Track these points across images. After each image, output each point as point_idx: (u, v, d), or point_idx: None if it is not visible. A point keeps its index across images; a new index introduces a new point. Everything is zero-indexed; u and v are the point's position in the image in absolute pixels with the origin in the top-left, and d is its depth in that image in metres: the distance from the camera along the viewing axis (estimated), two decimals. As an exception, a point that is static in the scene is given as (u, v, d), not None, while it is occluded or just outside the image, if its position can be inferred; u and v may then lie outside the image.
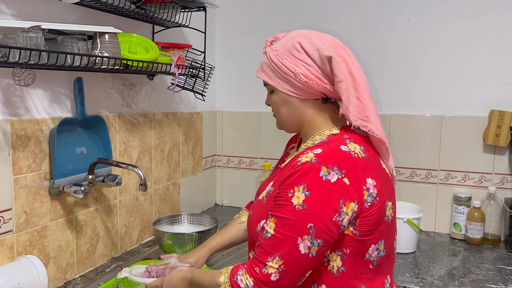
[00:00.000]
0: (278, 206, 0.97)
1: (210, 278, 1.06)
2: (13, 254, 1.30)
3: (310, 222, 0.93)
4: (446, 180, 2.08)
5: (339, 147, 1.00)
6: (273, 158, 2.36)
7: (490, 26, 1.96)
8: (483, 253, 1.85)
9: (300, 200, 0.94)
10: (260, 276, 0.95)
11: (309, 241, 0.93)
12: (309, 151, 0.99)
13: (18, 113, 1.31)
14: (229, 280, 0.99)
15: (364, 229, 0.99)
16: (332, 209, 0.94)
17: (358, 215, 0.98)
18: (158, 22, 1.80)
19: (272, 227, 0.96)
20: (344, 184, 0.95)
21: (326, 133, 1.07)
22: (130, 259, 1.71)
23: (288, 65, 1.05)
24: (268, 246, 0.95)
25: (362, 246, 1.00)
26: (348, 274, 1.01)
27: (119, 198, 1.73)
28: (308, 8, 2.25)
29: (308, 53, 1.04)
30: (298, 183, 0.95)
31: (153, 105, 1.92)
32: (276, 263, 0.94)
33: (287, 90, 1.07)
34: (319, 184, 0.94)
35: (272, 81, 1.09)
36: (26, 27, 1.12)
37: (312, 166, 0.95)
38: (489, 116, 1.96)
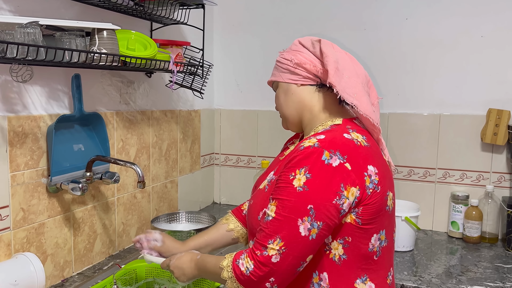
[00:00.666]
0: (279, 189, 0.99)
1: (215, 261, 1.08)
2: (10, 251, 1.30)
3: (310, 204, 0.95)
4: (444, 179, 2.08)
5: (342, 135, 1.02)
6: (271, 156, 2.36)
7: (488, 24, 1.96)
8: (481, 251, 1.85)
9: (301, 182, 0.95)
10: (261, 258, 0.96)
11: (309, 222, 0.95)
12: (312, 137, 1.02)
13: (16, 110, 1.30)
14: (231, 264, 1.01)
15: (366, 217, 1.00)
16: (332, 192, 0.95)
17: (360, 202, 0.99)
18: (156, 19, 1.79)
19: (273, 210, 0.98)
20: (346, 169, 0.96)
21: (329, 123, 1.10)
22: (127, 256, 1.70)
23: (286, 56, 1.16)
24: (269, 229, 0.97)
25: (365, 235, 1.02)
26: (350, 263, 1.02)
27: (116, 195, 1.72)
28: (306, 7, 2.25)
29: (303, 43, 1.15)
30: (299, 166, 0.97)
31: (151, 102, 1.91)
32: (277, 245, 0.95)
33: (286, 78, 1.15)
34: (320, 167, 0.95)
35: (274, 77, 1.19)
36: (23, 23, 1.11)
37: (315, 150, 0.97)
38: (487, 115, 1.97)
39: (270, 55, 2.33)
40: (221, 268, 1.03)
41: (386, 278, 1.08)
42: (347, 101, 1.06)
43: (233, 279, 0.99)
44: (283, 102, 1.18)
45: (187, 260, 1.16)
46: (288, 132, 1.36)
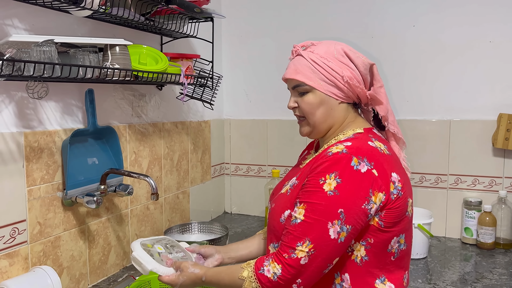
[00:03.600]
0: (308, 192, 1.00)
1: (230, 275, 1.06)
2: (27, 265, 1.32)
3: (340, 208, 0.97)
4: (456, 185, 2.07)
5: (367, 143, 1.06)
6: (281, 165, 2.37)
7: (496, 29, 1.96)
8: (495, 257, 1.84)
9: (332, 186, 0.98)
10: (289, 261, 0.97)
11: (338, 226, 0.97)
12: (339, 144, 1.05)
13: (32, 125, 1.33)
14: (254, 274, 1.00)
15: (389, 221, 1.03)
16: (362, 196, 0.98)
17: (384, 206, 1.02)
18: (166, 33, 1.82)
19: (302, 213, 0.99)
20: (373, 175, 1.00)
21: (351, 132, 1.12)
22: (141, 268, 1.72)
23: (334, 67, 1.09)
24: (298, 231, 0.98)
25: (386, 237, 1.05)
26: (371, 264, 1.05)
27: (130, 207, 1.74)
28: (313, 16, 2.27)
29: (352, 58, 1.11)
30: (329, 171, 0.99)
31: (162, 114, 1.94)
32: (306, 247, 0.96)
33: (328, 91, 1.10)
34: (350, 173, 0.98)
35: (312, 81, 1.10)
36: (39, 41, 1.14)
37: (344, 156, 1.00)
38: (497, 120, 1.96)
39: (278, 64, 2.36)
40: (241, 280, 1.02)
41: (403, 280, 1.11)
42: (390, 129, 1.17)
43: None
44: (319, 114, 1.12)
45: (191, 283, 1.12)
46: (297, 141, 1.37)
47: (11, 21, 1.25)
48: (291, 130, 2.35)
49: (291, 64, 1.15)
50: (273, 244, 1.12)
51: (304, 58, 1.11)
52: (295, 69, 1.13)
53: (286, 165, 2.37)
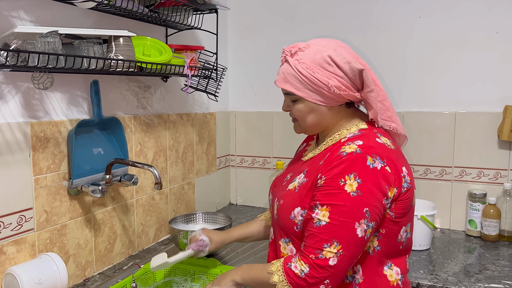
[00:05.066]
0: (330, 195, 1.02)
1: (261, 271, 1.11)
2: (34, 251, 1.35)
3: (365, 207, 1.01)
4: (460, 177, 2.06)
5: (375, 140, 1.09)
6: (286, 157, 2.38)
7: (503, 21, 1.94)
8: (499, 250, 1.83)
9: (354, 187, 1.01)
10: (317, 261, 1.00)
11: (365, 224, 1.01)
12: (350, 142, 1.07)
13: (38, 116, 1.35)
14: (283, 267, 1.05)
15: (399, 211, 1.08)
16: (381, 193, 1.03)
17: (396, 199, 1.07)
18: (171, 25, 1.83)
19: (326, 215, 1.01)
20: (387, 172, 1.04)
21: (354, 128, 1.14)
22: (147, 257, 1.75)
23: (320, 78, 1.08)
24: (324, 233, 1.01)
25: (396, 227, 1.10)
26: (382, 253, 1.10)
27: (135, 197, 1.77)
28: (319, 8, 2.26)
29: (340, 65, 1.09)
30: (348, 172, 1.01)
31: (167, 106, 1.96)
32: (334, 248, 1.00)
33: (317, 100, 1.11)
34: (368, 172, 1.02)
35: (300, 92, 1.11)
36: (44, 33, 1.16)
37: (359, 156, 1.03)
38: (503, 112, 1.95)
39: (284, 57, 2.36)
40: (269, 273, 1.06)
41: (406, 263, 1.17)
42: (385, 126, 1.16)
43: (284, 282, 1.03)
44: (309, 120, 1.15)
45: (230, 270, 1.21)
46: (302, 134, 1.38)
47: (17, 13, 1.27)
48: (296, 122, 2.35)
49: (280, 71, 1.14)
50: (283, 239, 1.16)
51: (291, 67, 1.10)
52: (283, 78, 1.13)
53: (291, 157, 2.37)
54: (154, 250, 1.83)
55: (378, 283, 1.10)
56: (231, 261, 1.75)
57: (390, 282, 1.11)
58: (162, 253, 1.39)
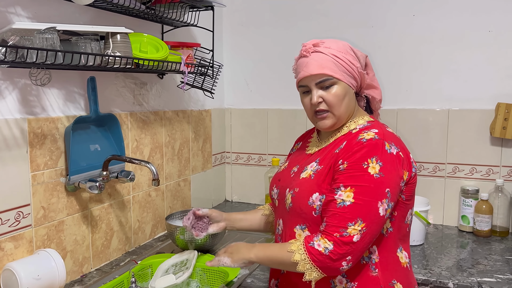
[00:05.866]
0: (353, 177, 1.09)
1: (279, 249, 1.14)
2: (32, 247, 1.35)
3: (387, 187, 1.08)
4: (453, 173, 2.09)
5: (386, 129, 1.18)
6: (282, 154, 2.39)
7: (496, 19, 1.97)
8: (491, 244, 1.86)
9: (377, 169, 1.08)
10: (342, 238, 1.05)
11: (386, 204, 1.08)
12: (366, 130, 1.15)
13: (35, 112, 1.35)
14: (304, 246, 1.08)
15: (408, 194, 1.17)
16: (399, 176, 1.12)
17: (407, 182, 1.15)
18: (167, 22, 1.84)
19: (351, 196, 1.07)
20: (401, 157, 1.13)
21: (361, 121, 1.23)
22: (143, 253, 1.76)
23: (351, 59, 1.20)
24: (348, 213, 1.06)
25: (405, 209, 1.18)
26: (394, 235, 1.17)
27: (132, 194, 1.78)
28: (314, 5, 2.28)
29: (355, 52, 1.22)
30: (370, 156, 1.09)
31: (163, 103, 1.96)
32: (359, 226, 1.05)
33: (349, 82, 1.20)
34: (387, 156, 1.10)
35: (338, 74, 1.18)
36: (42, 29, 1.16)
37: (378, 141, 1.11)
38: (495, 109, 1.97)
39: (279, 53, 2.37)
40: (290, 252, 1.09)
41: (409, 249, 1.25)
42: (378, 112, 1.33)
43: (307, 261, 1.07)
44: (344, 105, 1.20)
45: (244, 244, 1.23)
46: (298, 130, 1.39)
47: (14, 9, 1.27)
48: (291, 119, 2.37)
49: (312, 61, 1.18)
50: (299, 226, 1.18)
51: (325, 54, 1.17)
52: (319, 64, 1.17)
53: (287, 154, 2.39)
54: (151, 246, 1.84)
55: (391, 263, 1.17)
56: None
57: (401, 263, 1.19)
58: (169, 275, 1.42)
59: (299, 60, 1.23)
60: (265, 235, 1.98)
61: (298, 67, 1.22)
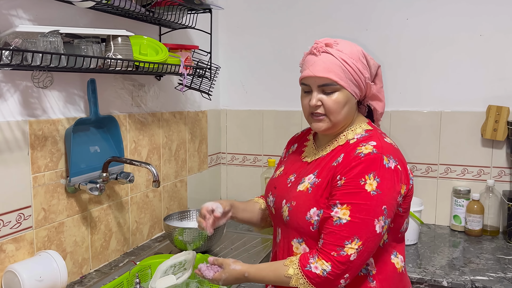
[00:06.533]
0: (350, 194, 1.07)
1: (274, 272, 1.12)
2: (33, 249, 1.36)
3: (384, 204, 1.06)
4: (445, 174, 2.14)
5: (384, 140, 1.14)
6: (277, 155, 2.42)
7: (487, 23, 2.02)
8: (482, 244, 1.91)
9: (374, 186, 1.06)
10: (339, 258, 1.04)
11: (383, 221, 1.07)
12: (364, 143, 1.11)
13: (36, 114, 1.36)
14: (301, 271, 1.07)
15: (405, 206, 1.16)
16: (396, 191, 1.09)
17: (405, 195, 1.13)
18: (165, 24, 1.85)
19: (347, 214, 1.06)
20: (399, 170, 1.10)
21: (359, 130, 1.19)
22: (142, 254, 1.76)
23: (361, 69, 1.14)
24: (345, 231, 1.05)
25: (401, 220, 1.18)
26: (388, 244, 1.17)
27: (130, 195, 1.78)
28: (309, 7, 2.30)
29: (368, 60, 1.18)
30: (367, 172, 1.06)
31: (161, 104, 1.97)
32: (355, 244, 1.04)
33: (353, 91, 1.15)
34: (385, 171, 1.07)
35: (343, 81, 1.12)
36: (45, 32, 1.17)
37: (376, 156, 1.08)
38: (486, 111, 2.02)
39: (274, 55, 2.40)
40: (287, 277, 1.09)
41: (404, 250, 1.25)
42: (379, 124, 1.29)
43: (306, 284, 1.06)
44: (344, 112, 1.15)
45: (234, 280, 1.18)
46: (293, 131, 1.41)
47: (15, 11, 1.27)
48: (286, 120, 2.40)
49: (320, 62, 1.12)
50: (297, 239, 1.16)
51: (335, 57, 1.12)
52: (326, 67, 1.12)
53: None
54: (149, 247, 1.85)
55: (388, 272, 1.17)
56: (225, 257, 1.77)
57: (397, 269, 1.18)
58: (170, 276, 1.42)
59: (308, 56, 1.17)
60: (262, 235, 2.01)
61: (305, 64, 1.17)
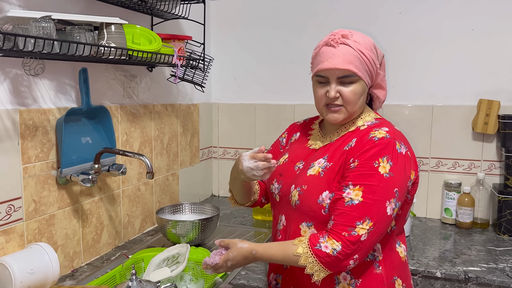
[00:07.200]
0: (363, 175, 1.08)
1: (283, 251, 1.12)
2: (23, 241, 1.32)
3: (396, 187, 1.09)
4: (437, 168, 2.15)
5: (394, 127, 1.18)
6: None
7: (478, 18, 2.03)
8: (473, 236, 1.93)
9: (387, 169, 1.08)
10: (350, 238, 1.05)
11: (394, 203, 1.09)
12: (377, 128, 1.14)
13: (26, 103, 1.32)
14: (310, 250, 1.07)
15: (412, 193, 1.19)
16: (407, 176, 1.12)
17: (413, 182, 1.16)
18: (157, 14, 1.82)
19: (359, 195, 1.07)
20: (409, 157, 1.14)
21: (369, 118, 1.22)
22: (133, 247, 1.74)
23: (374, 59, 1.17)
24: (357, 211, 1.06)
25: (407, 207, 1.20)
26: (395, 231, 1.19)
27: (122, 187, 1.75)
28: (302, 1, 2.29)
29: (377, 51, 1.21)
30: (381, 155, 1.09)
31: (153, 96, 1.94)
32: (367, 225, 1.06)
33: (368, 81, 1.18)
34: (398, 156, 1.10)
35: (361, 72, 1.15)
36: (37, 17, 1.13)
37: (389, 140, 1.11)
38: (477, 105, 2.04)
39: (266, 49, 2.38)
40: (296, 256, 1.08)
41: (405, 238, 1.28)
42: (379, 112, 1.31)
43: (315, 263, 1.06)
44: (360, 103, 1.18)
45: (242, 258, 1.16)
46: (285, 126, 1.40)
47: (5, -4, 1.23)
48: (278, 114, 2.39)
49: (339, 54, 1.13)
50: (306, 223, 1.16)
51: (353, 48, 1.13)
52: (345, 59, 1.12)
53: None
54: (140, 241, 1.82)
55: (393, 259, 1.19)
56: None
57: (401, 258, 1.21)
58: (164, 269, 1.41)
59: (324, 48, 1.16)
60: (255, 228, 2.00)
61: (321, 56, 1.15)
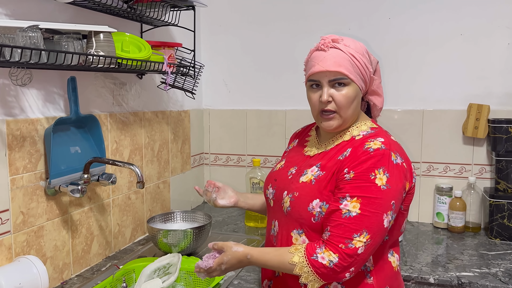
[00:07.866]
0: (360, 188, 1.07)
1: (278, 258, 1.11)
2: (11, 254, 1.29)
3: (393, 199, 1.08)
4: (428, 172, 2.16)
5: (391, 138, 1.17)
6: (261, 155, 2.40)
7: (467, 23, 2.05)
8: (465, 240, 1.94)
9: (384, 181, 1.07)
10: (347, 250, 1.04)
11: (390, 216, 1.08)
12: (372, 139, 1.13)
13: (14, 113, 1.30)
14: (307, 260, 1.06)
15: (406, 204, 1.18)
16: (403, 187, 1.11)
17: (407, 193, 1.15)
18: (147, 21, 1.80)
19: (357, 207, 1.06)
20: (404, 167, 1.13)
21: (364, 127, 1.21)
22: (124, 257, 1.71)
23: (366, 63, 1.17)
24: (354, 223, 1.05)
25: (402, 218, 1.19)
26: (387, 242, 1.18)
27: (112, 197, 1.73)
28: (292, 7, 2.29)
29: (370, 56, 1.21)
30: (377, 167, 1.08)
31: (143, 103, 1.92)
32: (364, 238, 1.05)
33: (360, 85, 1.17)
34: (393, 167, 1.09)
35: (352, 75, 1.15)
36: (24, 27, 1.11)
37: (384, 152, 1.09)
38: (467, 110, 2.05)
39: (257, 54, 2.38)
40: (292, 265, 1.07)
41: (399, 248, 1.28)
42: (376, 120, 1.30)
43: (310, 273, 1.05)
44: (353, 107, 1.17)
45: (236, 262, 1.15)
46: (276, 131, 1.38)
47: (-9, 5, 1.21)
48: (270, 120, 2.38)
49: (330, 57, 1.14)
50: (296, 230, 1.16)
51: (343, 51, 1.14)
52: (336, 62, 1.13)
53: (266, 155, 2.40)
54: (131, 250, 1.80)
55: (385, 269, 1.18)
56: (211, 259, 1.74)
57: (393, 267, 1.20)
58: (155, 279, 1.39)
59: (315, 53, 1.17)
60: (248, 235, 1.99)
61: (313, 60, 1.17)
